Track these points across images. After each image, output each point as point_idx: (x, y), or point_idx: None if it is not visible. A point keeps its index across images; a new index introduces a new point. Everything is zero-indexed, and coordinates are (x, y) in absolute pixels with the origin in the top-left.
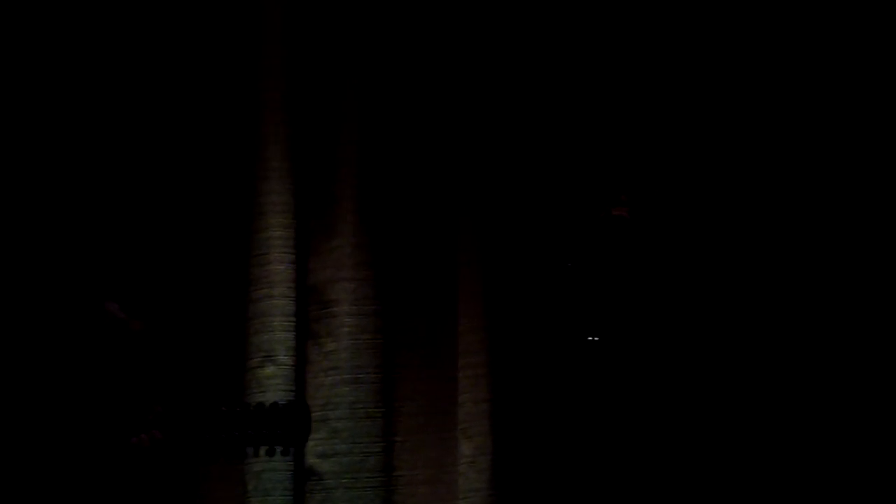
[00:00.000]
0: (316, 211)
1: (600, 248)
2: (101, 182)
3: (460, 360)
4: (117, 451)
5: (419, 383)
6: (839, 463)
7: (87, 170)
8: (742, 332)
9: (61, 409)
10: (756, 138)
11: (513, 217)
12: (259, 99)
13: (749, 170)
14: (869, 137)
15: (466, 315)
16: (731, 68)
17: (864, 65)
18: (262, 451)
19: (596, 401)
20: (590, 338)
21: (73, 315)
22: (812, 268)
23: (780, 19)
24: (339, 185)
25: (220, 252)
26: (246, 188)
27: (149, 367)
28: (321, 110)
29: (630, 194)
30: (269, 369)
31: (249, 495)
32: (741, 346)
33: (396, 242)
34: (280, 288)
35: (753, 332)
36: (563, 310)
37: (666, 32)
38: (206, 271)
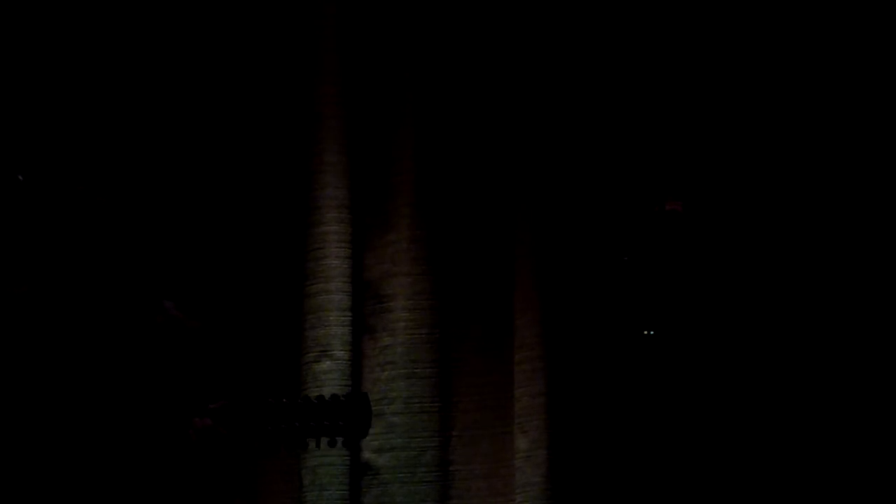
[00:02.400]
0: (372, 206)
1: (656, 242)
2: (158, 177)
3: (516, 355)
4: (173, 444)
5: (475, 378)
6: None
7: (143, 165)
8: (798, 328)
9: (118, 407)
10: (810, 135)
11: (569, 211)
12: (315, 94)
13: (804, 165)
14: None
15: (522, 309)
16: (790, 66)
17: None
18: (324, 442)
19: (652, 395)
20: (646, 332)
21: (131, 313)
22: (872, 261)
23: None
24: (395, 180)
25: (276, 247)
26: (302, 183)
27: (207, 366)
28: (377, 105)
29: (684, 189)
30: (326, 364)
31: (305, 490)
32: (796, 341)
33: (453, 237)
34: (336, 283)
35: (810, 328)
36: (619, 304)
37: (725, 27)
38: (263, 266)
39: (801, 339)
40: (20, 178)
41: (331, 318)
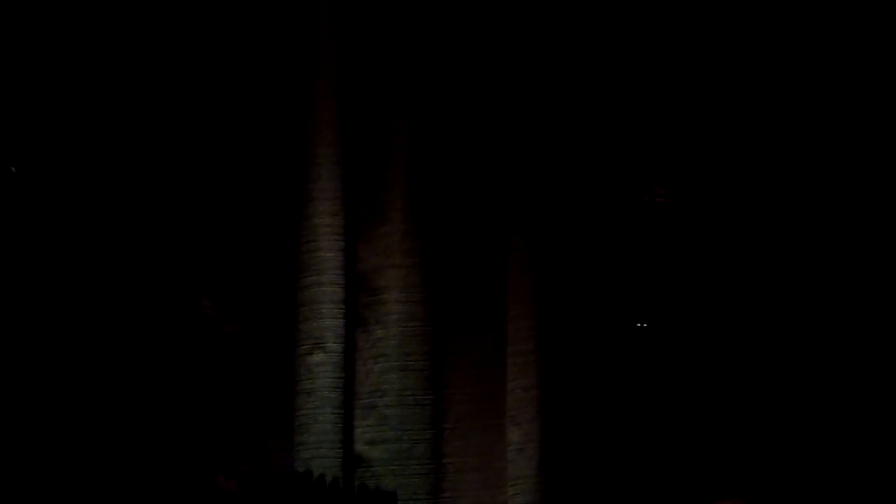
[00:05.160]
0: (365, 198)
1: (649, 234)
2: (152, 169)
3: (509, 347)
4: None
5: (468, 370)
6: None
7: (137, 157)
8: (791, 319)
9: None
10: (802, 126)
11: (562, 204)
12: (310, 86)
13: (794, 156)
14: None
15: (515, 302)
16: (777, 58)
17: None
18: None
19: (645, 387)
20: (639, 324)
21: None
22: (862, 254)
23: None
24: (388, 172)
25: (270, 239)
26: (296, 175)
27: (239, 375)
28: (371, 98)
29: (676, 182)
30: (319, 356)
31: None
32: (788, 333)
33: (446, 229)
34: (329, 275)
35: (803, 318)
36: (613, 296)
37: (711, 18)
38: (257, 258)
39: (794, 331)
40: (13, 169)
41: (324, 310)
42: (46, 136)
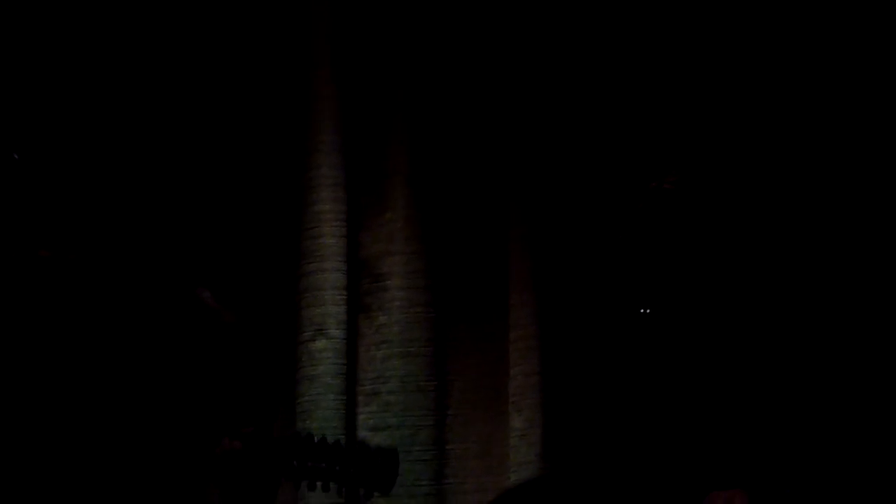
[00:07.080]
0: (367, 185)
1: (655, 220)
2: (152, 159)
3: (511, 334)
4: (197, 454)
5: (470, 357)
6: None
7: (141, 150)
8: (796, 308)
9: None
10: (810, 115)
11: (564, 189)
12: (310, 74)
13: (803, 146)
14: None
15: (517, 288)
16: (787, 45)
17: None
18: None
19: (647, 374)
20: (641, 310)
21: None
22: (870, 242)
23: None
24: (390, 159)
25: (272, 226)
26: (298, 163)
27: (239, 365)
28: (372, 84)
29: (685, 168)
30: (321, 342)
31: None
32: (794, 321)
33: (448, 216)
34: (331, 261)
35: (808, 309)
36: (615, 282)
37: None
38: (260, 246)
39: (800, 319)
40: (15, 156)
41: (326, 296)
42: (46, 128)
